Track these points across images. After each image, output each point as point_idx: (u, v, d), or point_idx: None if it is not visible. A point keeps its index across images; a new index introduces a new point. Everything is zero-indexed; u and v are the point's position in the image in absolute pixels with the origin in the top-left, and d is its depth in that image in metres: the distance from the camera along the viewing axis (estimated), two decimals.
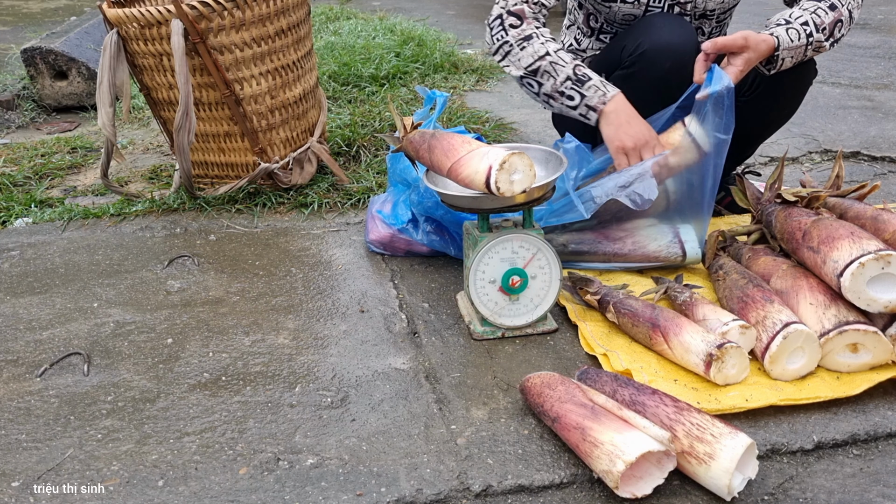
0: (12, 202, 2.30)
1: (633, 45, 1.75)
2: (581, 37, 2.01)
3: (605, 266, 1.80)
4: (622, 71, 1.79)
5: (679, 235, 1.77)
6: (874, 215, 1.57)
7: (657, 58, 1.71)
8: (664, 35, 1.71)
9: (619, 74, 1.79)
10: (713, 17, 1.89)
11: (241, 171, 2.30)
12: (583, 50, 2.01)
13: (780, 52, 1.66)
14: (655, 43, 1.71)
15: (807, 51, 1.69)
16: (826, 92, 3.33)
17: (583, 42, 2.01)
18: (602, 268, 1.80)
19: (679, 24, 1.74)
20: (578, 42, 2.02)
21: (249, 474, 1.20)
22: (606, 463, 1.11)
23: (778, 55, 1.66)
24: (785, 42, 1.65)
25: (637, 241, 1.77)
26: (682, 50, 1.71)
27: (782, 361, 1.36)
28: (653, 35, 1.72)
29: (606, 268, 1.80)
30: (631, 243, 1.78)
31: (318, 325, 1.63)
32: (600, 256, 1.79)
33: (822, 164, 2.56)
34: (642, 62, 1.73)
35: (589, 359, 1.49)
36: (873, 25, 4.80)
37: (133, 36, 2.14)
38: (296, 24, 2.22)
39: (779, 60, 1.67)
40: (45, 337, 1.60)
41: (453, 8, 5.84)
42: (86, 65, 3.29)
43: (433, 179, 1.57)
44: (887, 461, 1.22)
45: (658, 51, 1.71)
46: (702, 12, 1.86)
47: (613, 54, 1.84)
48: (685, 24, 1.75)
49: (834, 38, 1.71)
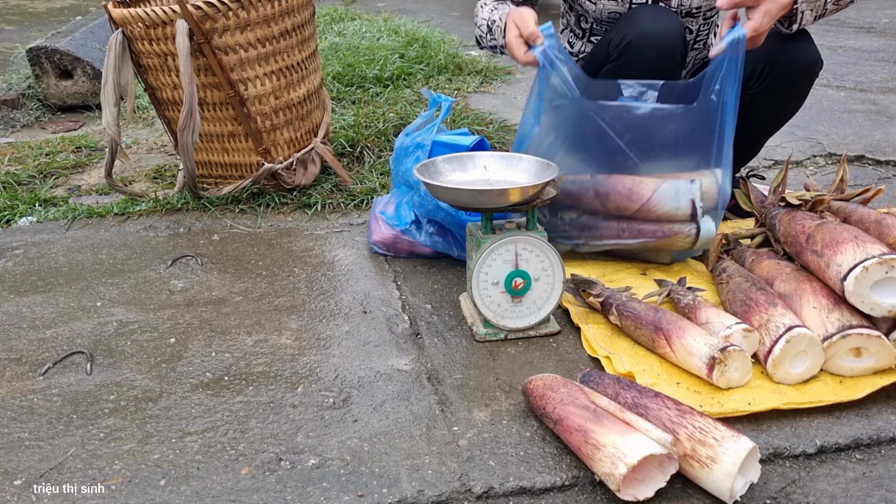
0: (17, 201, 2.30)
1: (619, 37, 1.76)
2: (574, 39, 2.02)
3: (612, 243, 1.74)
4: (610, 65, 1.79)
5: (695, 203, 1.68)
6: (878, 219, 1.56)
7: (643, 48, 1.71)
8: (649, 25, 1.71)
9: (608, 68, 1.79)
10: (699, 15, 1.89)
11: (245, 172, 2.30)
12: (576, 53, 2.02)
13: (799, 5, 1.61)
14: (640, 34, 1.71)
15: (827, 3, 1.64)
16: (830, 95, 3.32)
17: (576, 45, 2.01)
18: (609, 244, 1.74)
19: (664, 14, 1.74)
20: (571, 45, 2.03)
21: (251, 474, 1.20)
22: (608, 466, 1.11)
23: (797, 7, 1.61)
24: None
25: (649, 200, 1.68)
26: (668, 39, 1.70)
27: (785, 365, 1.35)
28: (637, 26, 1.72)
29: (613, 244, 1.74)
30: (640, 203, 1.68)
31: (321, 326, 1.63)
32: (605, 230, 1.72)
33: (827, 167, 2.56)
34: (628, 54, 1.73)
35: (591, 361, 1.49)
36: (879, 29, 4.79)
37: (138, 36, 2.14)
38: (300, 25, 2.22)
39: (798, 14, 1.62)
40: (49, 336, 1.61)
41: (458, 9, 5.84)
42: (91, 64, 3.30)
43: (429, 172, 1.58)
44: (890, 466, 1.21)
45: (643, 41, 1.71)
46: (687, 10, 1.86)
47: (601, 50, 1.85)
48: (670, 14, 1.75)
49: None
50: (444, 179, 1.59)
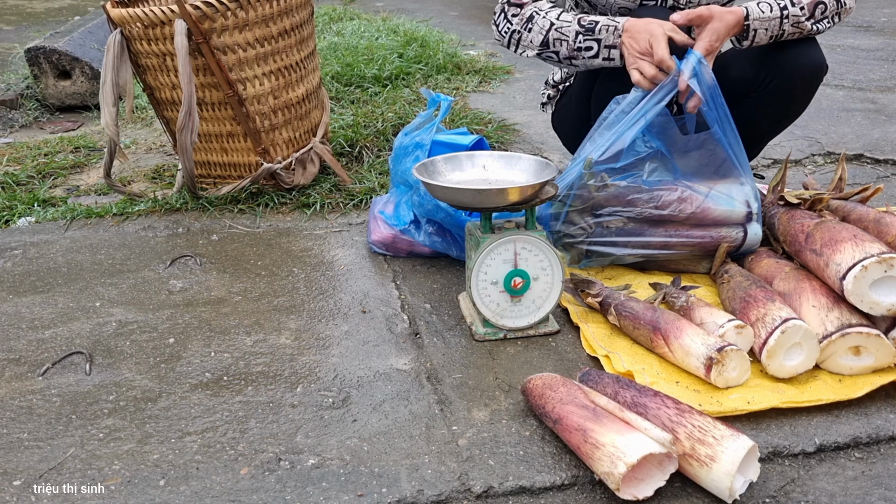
0: (15, 201, 2.30)
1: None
2: None
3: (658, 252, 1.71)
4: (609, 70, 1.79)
5: (750, 204, 1.68)
6: (877, 218, 1.57)
7: None
8: None
9: (606, 73, 1.79)
10: None
11: (244, 172, 2.30)
12: None
13: (752, 23, 1.67)
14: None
15: (783, 24, 1.69)
16: (829, 94, 3.32)
17: None
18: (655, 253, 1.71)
19: (662, 17, 1.73)
20: None
21: (251, 474, 1.20)
22: (608, 465, 1.11)
23: (749, 25, 1.67)
24: (755, 13, 1.67)
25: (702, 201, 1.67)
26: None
27: (779, 356, 1.35)
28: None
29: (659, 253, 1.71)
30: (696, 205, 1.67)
31: (320, 326, 1.63)
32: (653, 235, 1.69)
33: (826, 166, 2.56)
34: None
35: (591, 360, 1.49)
36: (877, 28, 4.80)
37: (137, 36, 2.14)
38: (299, 25, 2.22)
39: (751, 31, 1.68)
40: (48, 336, 1.61)
41: (456, 9, 5.84)
42: (89, 64, 3.30)
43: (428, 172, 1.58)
44: (889, 464, 1.21)
45: None
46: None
47: None
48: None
49: (815, 19, 1.70)
50: (443, 179, 1.60)
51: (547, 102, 2.20)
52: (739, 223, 1.70)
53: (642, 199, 1.67)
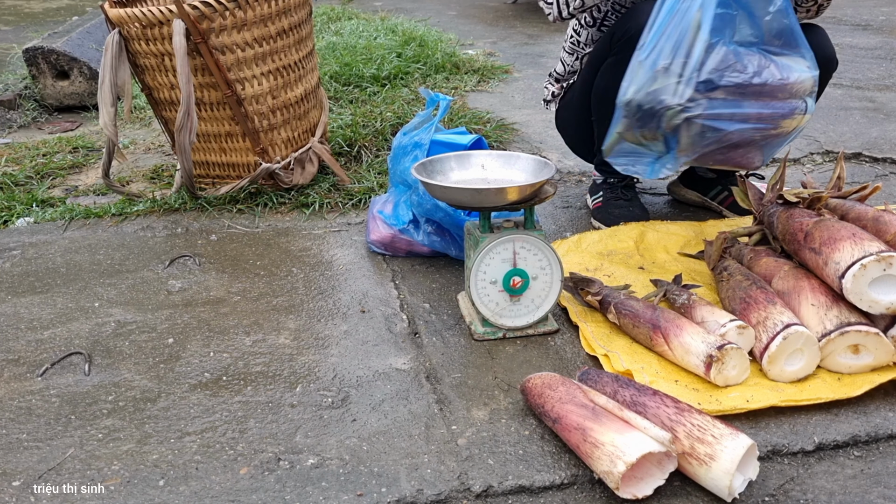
0: (14, 201, 2.30)
1: (621, 31, 1.76)
2: (580, 28, 2.02)
3: (748, 127, 1.67)
4: (612, 59, 1.79)
5: (810, 70, 1.66)
6: (875, 216, 1.57)
7: None
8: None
9: (609, 62, 1.79)
10: None
11: (243, 171, 2.30)
12: (583, 42, 2.02)
13: None
14: (642, 27, 1.70)
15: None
16: (827, 93, 3.32)
17: (582, 34, 2.01)
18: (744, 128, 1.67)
19: None
20: (578, 34, 2.03)
21: (250, 474, 1.20)
22: (607, 464, 1.11)
23: None
24: None
25: (776, 70, 1.65)
26: None
27: (780, 362, 1.35)
28: (640, 19, 1.71)
29: (748, 128, 1.67)
30: (770, 71, 1.65)
31: (319, 326, 1.63)
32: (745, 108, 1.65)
33: (824, 165, 2.56)
34: (630, 47, 1.72)
35: (590, 359, 1.49)
36: (875, 26, 4.80)
37: (135, 36, 2.14)
38: (297, 25, 2.22)
39: None
40: (47, 336, 1.60)
41: (454, 8, 5.84)
42: (87, 65, 3.29)
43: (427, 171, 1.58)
44: (888, 463, 1.21)
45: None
46: None
47: (604, 44, 1.85)
48: None
49: None
50: (442, 178, 1.60)
51: (551, 100, 2.20)
52: (808, 94, 1.68)
53: (742, 65, 1.64)
